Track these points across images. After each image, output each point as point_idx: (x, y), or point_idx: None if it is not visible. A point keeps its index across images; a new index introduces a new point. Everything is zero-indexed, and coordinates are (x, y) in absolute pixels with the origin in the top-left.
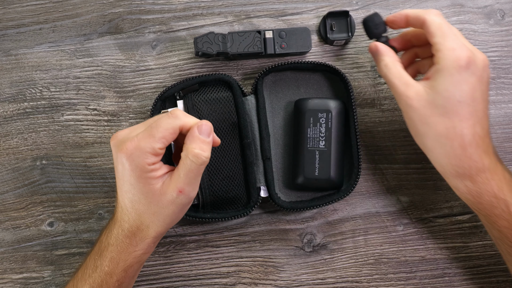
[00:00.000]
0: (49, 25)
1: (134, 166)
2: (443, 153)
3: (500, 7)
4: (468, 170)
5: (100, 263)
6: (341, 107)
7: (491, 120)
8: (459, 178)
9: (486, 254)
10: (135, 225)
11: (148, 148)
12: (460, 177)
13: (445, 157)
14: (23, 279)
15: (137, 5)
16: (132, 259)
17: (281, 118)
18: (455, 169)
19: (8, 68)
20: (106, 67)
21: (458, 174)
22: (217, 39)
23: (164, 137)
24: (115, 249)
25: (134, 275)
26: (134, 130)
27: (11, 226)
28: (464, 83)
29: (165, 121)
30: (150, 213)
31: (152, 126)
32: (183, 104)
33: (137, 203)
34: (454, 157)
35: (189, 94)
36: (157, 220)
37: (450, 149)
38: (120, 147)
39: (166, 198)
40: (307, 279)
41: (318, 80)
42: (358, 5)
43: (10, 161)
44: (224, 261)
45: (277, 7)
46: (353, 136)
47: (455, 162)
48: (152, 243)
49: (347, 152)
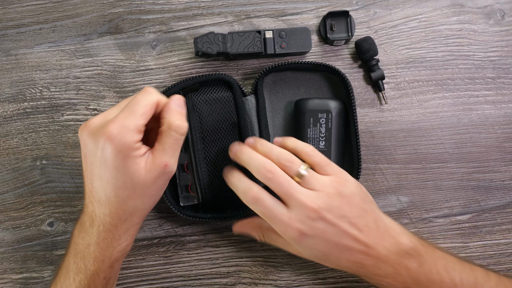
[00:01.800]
0: (49, 25)
1: (120, 148)
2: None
3: (500, 7)
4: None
5: (83, 265)
6: (341, 107)
7: (491, 120)
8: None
9: (486, 254)
10: (116, 217)
11: (132, 125)
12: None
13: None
14: (23, 279)
15: (137, 5)
16: (116, 253)
17: (281, 118)
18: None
19: (8, 68)
20: (106, 67)
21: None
22: (217, 39)
23: (145, 112)
24: (97, 248)
25: (119, 267)
26: (109, 114)
27: (11, 226)
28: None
29: (143, 97)
30: (136, 196)
31: (131, 105)
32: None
33: (122, 188)
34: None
35: (189, 94)
36: (141, 203)
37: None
38: (100, 132)
39: (152, 174)
40: (307, 279)
41: (318, 80)
42: (358, 5)
43: (10, 161)
44: (224, 261)
45: (277, 7)
46: (353, 136)
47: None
48: (135, 231)
49: (347, 152)
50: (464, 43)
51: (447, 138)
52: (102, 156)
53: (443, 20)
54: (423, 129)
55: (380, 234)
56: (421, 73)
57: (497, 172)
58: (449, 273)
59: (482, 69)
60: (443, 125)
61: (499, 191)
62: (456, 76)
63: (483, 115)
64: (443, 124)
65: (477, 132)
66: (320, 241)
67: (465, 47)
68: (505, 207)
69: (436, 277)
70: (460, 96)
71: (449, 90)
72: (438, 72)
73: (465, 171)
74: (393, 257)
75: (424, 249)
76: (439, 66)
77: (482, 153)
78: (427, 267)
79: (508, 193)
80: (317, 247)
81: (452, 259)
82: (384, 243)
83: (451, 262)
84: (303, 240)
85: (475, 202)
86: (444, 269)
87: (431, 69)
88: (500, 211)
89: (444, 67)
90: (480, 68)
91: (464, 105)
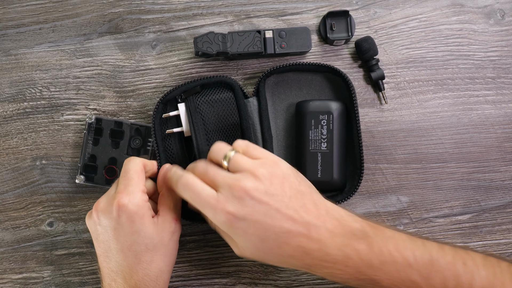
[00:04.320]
0: (49, 25)
1: (135, 210)
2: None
3: (500, 7)
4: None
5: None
6: (342, 109)
7: (491, 119)
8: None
9: (486, 254)
10: (144, 286)
11: (136, 188)
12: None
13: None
14: (23, 279)
15: (137, 5)
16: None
17: (284, 120)
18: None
19: (8, 68)
20: (106, 67)
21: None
22: (217, 39)
23: (139, 175)
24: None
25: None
26: (111, 191)
27: (11, 226)
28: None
29: (130, 165)
30: (158, 257)
31: (124, 175)
32: (185, 106)
33: (144, 252)
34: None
35: (191, 96)
36: (164, 264)
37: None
38: (111, 206)
39: (167, 231)
40: (307, 279)
41: (320, 81)
42: (358, 5)
43: (10, 161)
44: (224, 261)
45: (277, 7)
46: (356, 137)
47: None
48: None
49: (349, 153)
50: (464, 43)
51: (447, 138)
52: (119, 226)
53: (443, 20)
54: (423, 129)
55: (320, 215)
56: (421, 73)
57: (497, 172)
58: (401, 252)
59: (482, 69)
60: (443, 125)
61: (499, 191)
62: (456, 76)
63: (483, 115)
64: (443, 124)
65: (477, 132)
66: (252, 223)
67: (465, 47)
68: (505, 207)
69: (388, 258)
70: (460, 96)
71: (449, 90)
72: (438, 72)
73: (465, 171)
74: (339, 239)
75: (372, 230)
76: (439, 66)
77: (482, 153)
78: (377, 249)
79: (508, 193)
80: (251, 230)
81: (403, 237)
82: (326, 224)
83: (402, 240)
84: (234, 223)
85: (475, 202)
86: (395, 249)
87: (431, 69)
88: (500, 211)
89: (444, 67)
90: (480, 68)
91: (464, 105)
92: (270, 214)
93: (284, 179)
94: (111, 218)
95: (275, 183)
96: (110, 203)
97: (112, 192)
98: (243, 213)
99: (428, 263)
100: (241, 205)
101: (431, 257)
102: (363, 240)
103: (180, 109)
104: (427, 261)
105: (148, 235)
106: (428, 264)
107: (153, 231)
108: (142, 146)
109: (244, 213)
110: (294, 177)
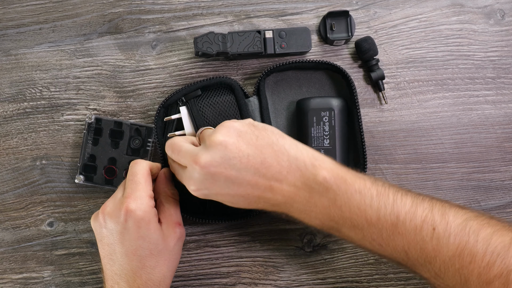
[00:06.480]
0: (49, 25)
1: (142, 216)
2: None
3: (500, 7)
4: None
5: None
6: (343, 105)
7: (491, 119)
8: None
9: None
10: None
11: (143, 193)
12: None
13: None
14: (23, 279)
15: (137, 5)
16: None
17: (284, 118)
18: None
19: (8, 68)
20: (106, 67)
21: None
22: (217, 39)
23: (146, 178)
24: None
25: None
26: (117, 196)
27: (11, 226)
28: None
29: (137, 168)
30: (162, 262)
31: (131, 178)
32: (187, 110)
33: (148, 257)
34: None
35: (192, 99)
36: (167, 269)
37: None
38: (118, 210)
39: (171, 237)
40: (307, 279)
41: (320, 78)
42: (358, 5)
43: (10, 161)
44: (224, 261)
45: (277, 7)
46: (358, 132)
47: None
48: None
49: (351, 149)
50: (464, 43)
51: (447, 138)
52: (125, 231)
53: (443, 20)
54: (423, 129)
55: (282, 168)
56: (421, 73)
57: (497, 172)
58: (364, 211)
59: (482, 69)
60: (443, 125)
61: (499, 191)
62: (456, 76)
63: (483, 115)
64: (443, 124)
65: (477, 132)
66: (220, 196)
67: (465, 47)
68: (505, 207)
69: (348, 215)
70: (460, 96)
71: (449, 90)
72: (438, 72)
73: (465, 171)
74: (302, 193)
75: (337, 182)
76: (439, 66)
77: (482, 153)
78: (338, 205)
79: (508, 193)
80: (221, 194)
81: (372, 192)
82: (288, 178)
83: (369, 197)
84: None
85: (475, 202)
86: (357, 207)
87: (431, 69)
88: (500, 211)
89: (444, 67)
90: (480, 68)
91: (464, 105)
92: (230, 184)
93: (239, 137)
94: (118, 222)
95: (230, 143)
96: (118, 207)
97: (119, 195)
98: (208, 192)
99: (391, 226)
100: (206, 184)
101: (397, 219)
102: (325, 194)
103: (182, 112)
104: (390, 223)
105: (154, 241)
106: (391, 226)
107: (159, 237)
108: (142, 146)
109: (211, 191)
110: (251, 132)
